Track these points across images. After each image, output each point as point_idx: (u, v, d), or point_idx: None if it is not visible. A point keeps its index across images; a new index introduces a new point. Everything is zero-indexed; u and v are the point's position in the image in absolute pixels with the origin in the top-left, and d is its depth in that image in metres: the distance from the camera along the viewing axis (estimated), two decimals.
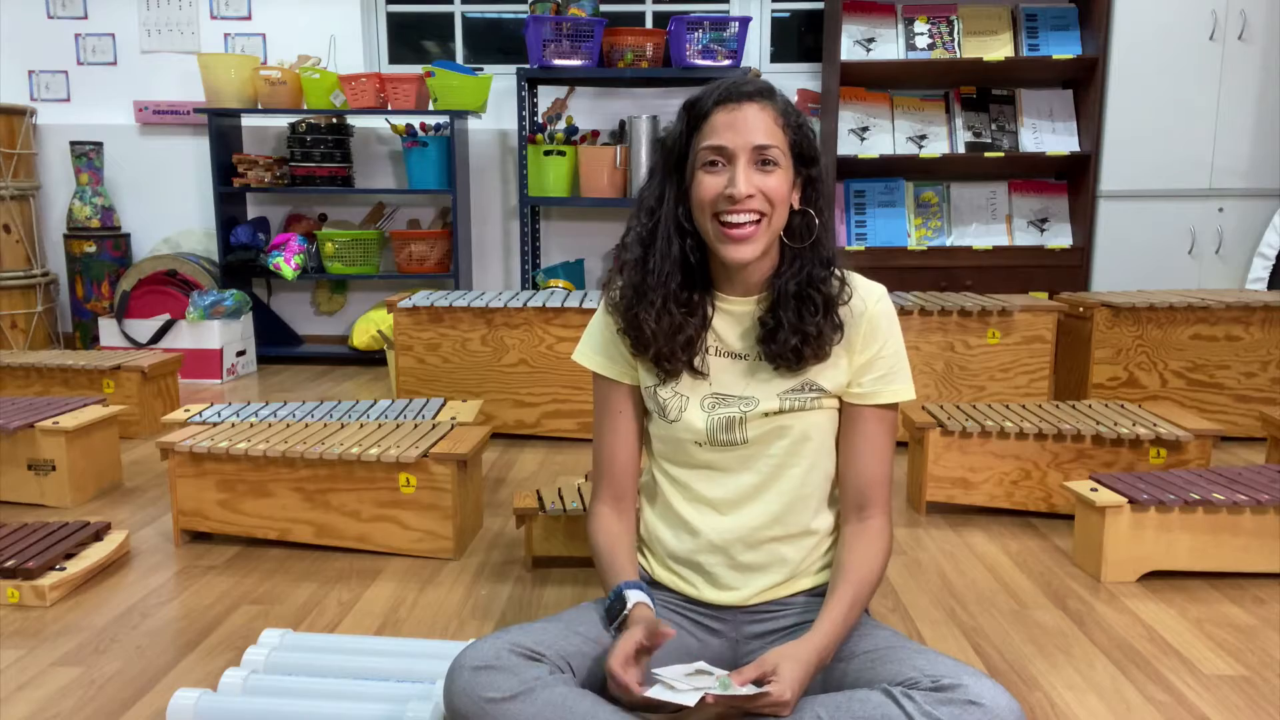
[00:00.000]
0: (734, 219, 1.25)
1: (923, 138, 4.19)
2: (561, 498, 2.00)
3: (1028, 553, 2.11)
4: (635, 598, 1.27)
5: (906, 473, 2.48)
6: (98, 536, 2.04)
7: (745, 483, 1.34)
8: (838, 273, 1.32)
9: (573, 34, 3.95)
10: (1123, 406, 2.46)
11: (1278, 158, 3.90)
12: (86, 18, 4.45)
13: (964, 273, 4.09)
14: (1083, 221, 4.05)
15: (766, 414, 1.31)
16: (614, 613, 1.28)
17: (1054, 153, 4.04)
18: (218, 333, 3.94)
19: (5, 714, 1.44)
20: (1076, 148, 4.09)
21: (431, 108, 4.17)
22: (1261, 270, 3.90)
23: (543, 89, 4.40)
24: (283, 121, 4.44)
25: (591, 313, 1.75)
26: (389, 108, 4.23)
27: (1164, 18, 3.83)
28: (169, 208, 4.57)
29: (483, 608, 1.82)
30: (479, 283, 4.60)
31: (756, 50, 4.47)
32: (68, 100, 4.52)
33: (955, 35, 4.11)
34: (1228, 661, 1.61)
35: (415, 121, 4.27)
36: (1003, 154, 4.07)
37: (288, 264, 4.22)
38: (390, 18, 4.58)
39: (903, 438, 2.43)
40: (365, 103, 4.19)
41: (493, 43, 4.62)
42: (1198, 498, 1.89)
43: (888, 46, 4.13)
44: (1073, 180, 4.17)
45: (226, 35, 4.47)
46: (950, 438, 2.30)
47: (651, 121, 3.98)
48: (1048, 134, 4.15)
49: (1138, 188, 3.95)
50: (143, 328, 3.99)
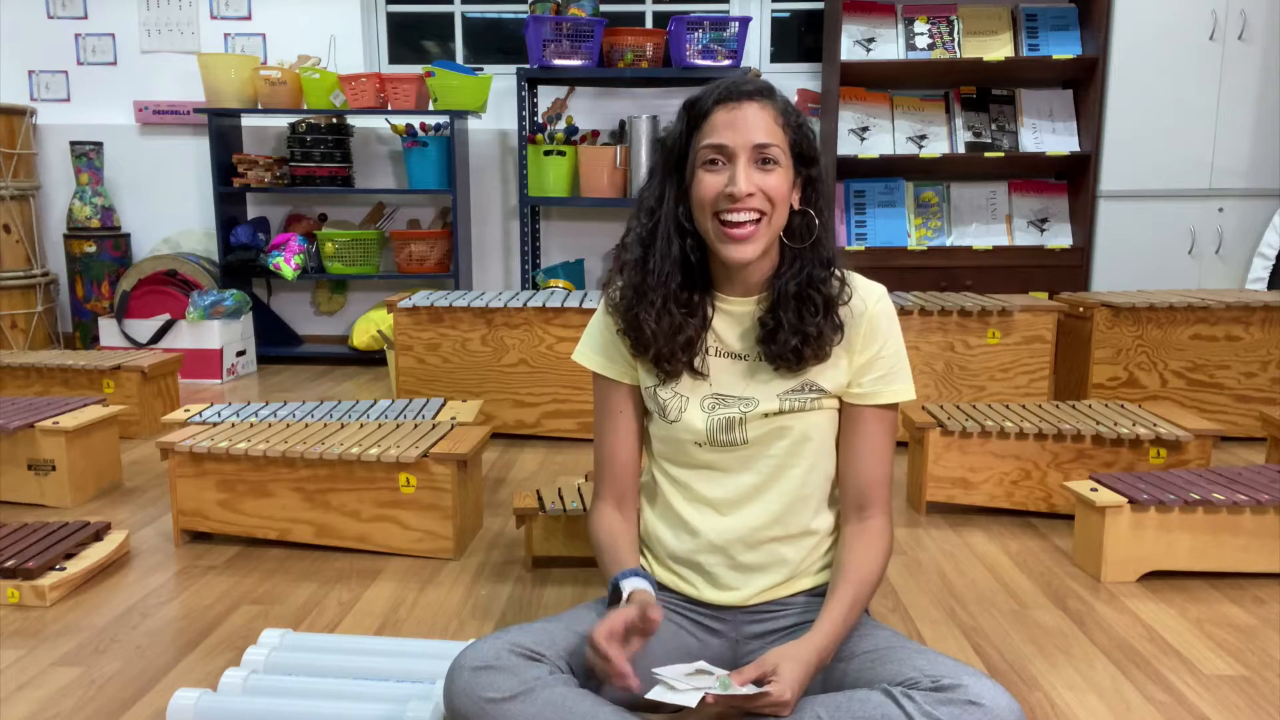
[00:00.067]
0: (734, 218, 1.25)
1: (923, 138, 4.19)
2: (561, 498, 2.00)
3: (1028, 553, 2.11)
4: (633, 584, 1.26)
5: (906, 473, 2.49)
6: (98, 536, 2.04)
7: (745, 483, 1.34)
8: (838, 273, 1.32)
9: (573, 34, 3.95)
10: (1123, 406, 2.46)
11: (1278, 158, 3.90)
12: (86, 18, 4.45)
13: (964, 273, 4.09)
14: (1083, 221, 4.05)
15: (766, 414, 1.31)
16: (613, 601, 1.27)
17: (1054, 153, 4.05)
18: (218, 333, 3.94)
19: (5, 714, 1.44)
20: (1076, 148, 4.09)
21: (431, 108, 4.17)
22: (1261, 270, 3.90)
23: (543, 89, 4.40)
24: (283, 121, 4.44)
25: (591, 313, 1.75)
26: (389, 108, 4.23)
27: (1164, 18, 3.83)
28: (169, 208, 4.57)
29: (483, 608, 1.82)
30: (479, 283, 4.60)
31: (756, 50, 4.47)
32: (68, 100, 4.52)
33: (955, 35, 4.11)
34: (1228, 661, 1.61)
35: (415, 121, 4.27)
36: (1003, 154, 4.07)
37: (288, 264, 4.22)
38: (390, 18, 4.58)
39: (903, 438, 2.43)
40: (365, 103, 4.19)
41: (493, 43, 4.62)
42: (1198, 498, 1.89)
43: (888, 46, 4.13)
44: (1073, 180, 4.17)
45: (226, 35, 4.47)
46: (950, 438, 2.30)
47: (651, 121, 3.97)
48: (1048, 134, 4.15)
49: (1138, 188, 3.95)
50: (143, 328, 3.99)
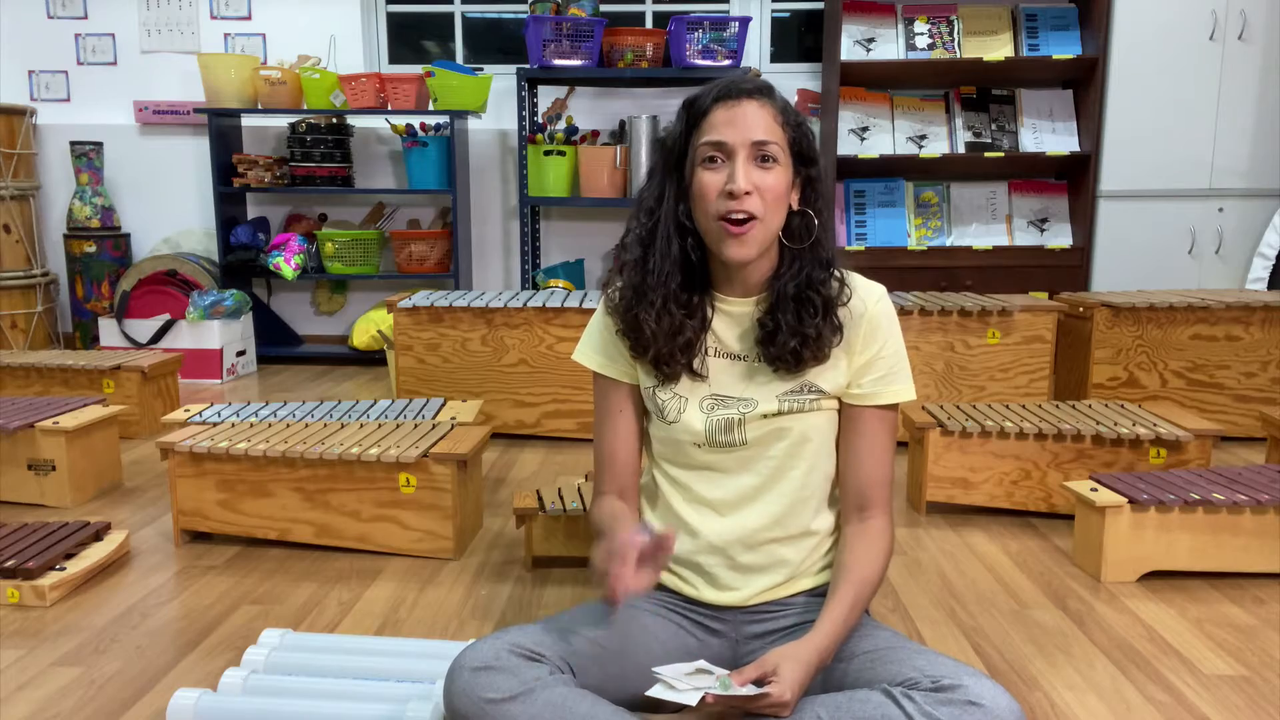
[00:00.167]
0: (735, 215, 1.24)
1: (923, 138, 4.19)
2: (561, 498, 2.00)
3: (1028, 553, 2.11)
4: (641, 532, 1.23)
5: (906, 473, 2.48)
6: (98, 536, 2.04)
7: (745, 484, 1.33)
8: (837, 274, 1.32)
9: (573, 34, 3.95)
10: (1123, 406, 2.46)
11: (1278, 158, 3.90)
12: (86, 18, 4.45)
13: (964, 273, 4.09)
14: (1083, 221, 4.04)
15: (765, 415, 1.31)
16: None
17: (1054, 153, 4.04)
18: (218, 333, 3.94)
19: (5, 714, 1.44)
20: (1076, 148, 4.09)
21: (431, 108, 4.17)
22: (1261, 270, 3.90)
23: (543, 89, 4.40)
24: (283, 121, 4.44)
25: (591, 313, 1.75)
26: (389, 108, 4.23)
27: (1164, 18, 3.83)
28: (169, 208, 4.57)
29: (483, 608, 1.82)
30: (479, 283, 4.60)
31: (756, 50, 4.47)
32: (68, 100, 4.52)
33: (955, 35, 4.11)
34: (1228, 661, 1.61)
35: (415, 121, 4.27)
36: (1003, 154, 4.07)
37: (288, 264, 4.22)
38: (390, 18, 4.58)
39: (903, 438, 2.43)
40: (365, 103, 4.19)
41: (493, 43, 4.62)
42: (1198, 498, 1.89)
43: (888, 46, 4.13)
44: (1073, 180, 4.17)
45: (226, 35, 4.47)
46: (950, 438, 2.30)
47: (651, 121, 3.97)
48: (1048, 134, 4.15)
49: (1138, 188, 3.95)
50: (143, 328, 3.99)
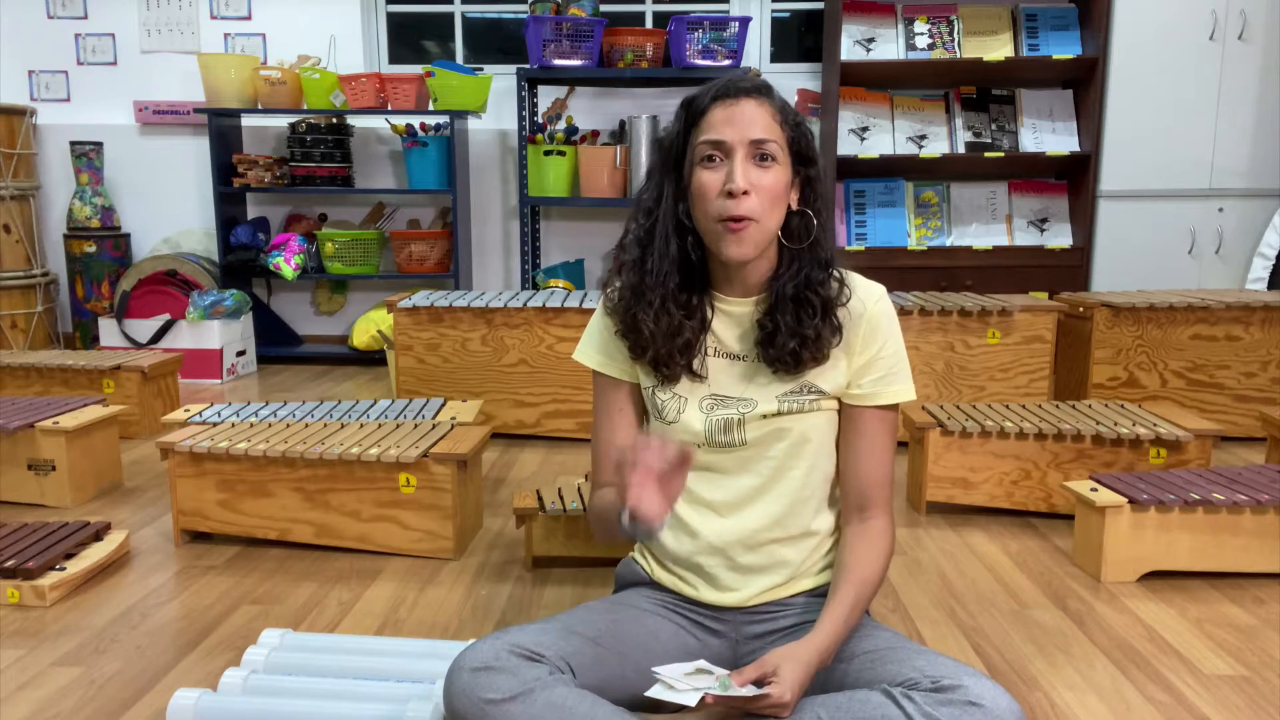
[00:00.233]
0: (733, 214, 1.24)
1: (923, 138, 4.19)
2: (561, 498, 2.00)
3: (1028, 553, 2.11)
4: None
5: (906, 473, 2.48)
6: (98, 536, 2.04)
7: (745, 485, 1.33)
8: (836, 274, 1.32)
9: (573, 34, 3.95)
10: (1123, 406, 2.46)
11: (1278, 158, 3.90)
12: (86, 18, 4.45)
13: (964, 273, 4.08)
14: (1083, 221, 4.04)
15: (765, 416, 1.31)
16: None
17: (1054, 153, 4.04)
18: (218, 333, 3.94)
19: (5, 714, 1.44)
20: (1076, 148, 4.08)
21: (431, 108, 4.17)
22: (1261, 270, 3.90)
23: (543, 89, 4.40)
24: (283, 121, 4.44)
25: (591, 313, 1.75)
26: (389, 108, 4.23)
27: (1164, 18, 3.83)
28: (169, 208, 4.57)
29: (483, 608, 1.81)
30: (479, 283, 4.60)
31: (756, 50, 4.47)
32: (68, 100, 4.52)
33: (955, 35, 4.11)
34: (1228, 661, 1.61)
35: (415, 121, 4.27)
36: (1003, 154, 4.07)
37: (288, 264, 4.22)
38: (390, 18, 4.58)
39: (903, 438, 2.43)
40: (365, 103, 4.19)
41: (493, 43, 4.62)
42: (1198, 498, 1.89)
43: (888, 46, 4.13)
44: (1073, 180, 4.17)
45: (226, 35, 4.47)
46: (950, 438, 2.30)
47: (651, 121, 3.97)
48: (1048, 134, 4.14)
49: (1138, 188, 3.95)
50: (143, 328, 3.99)
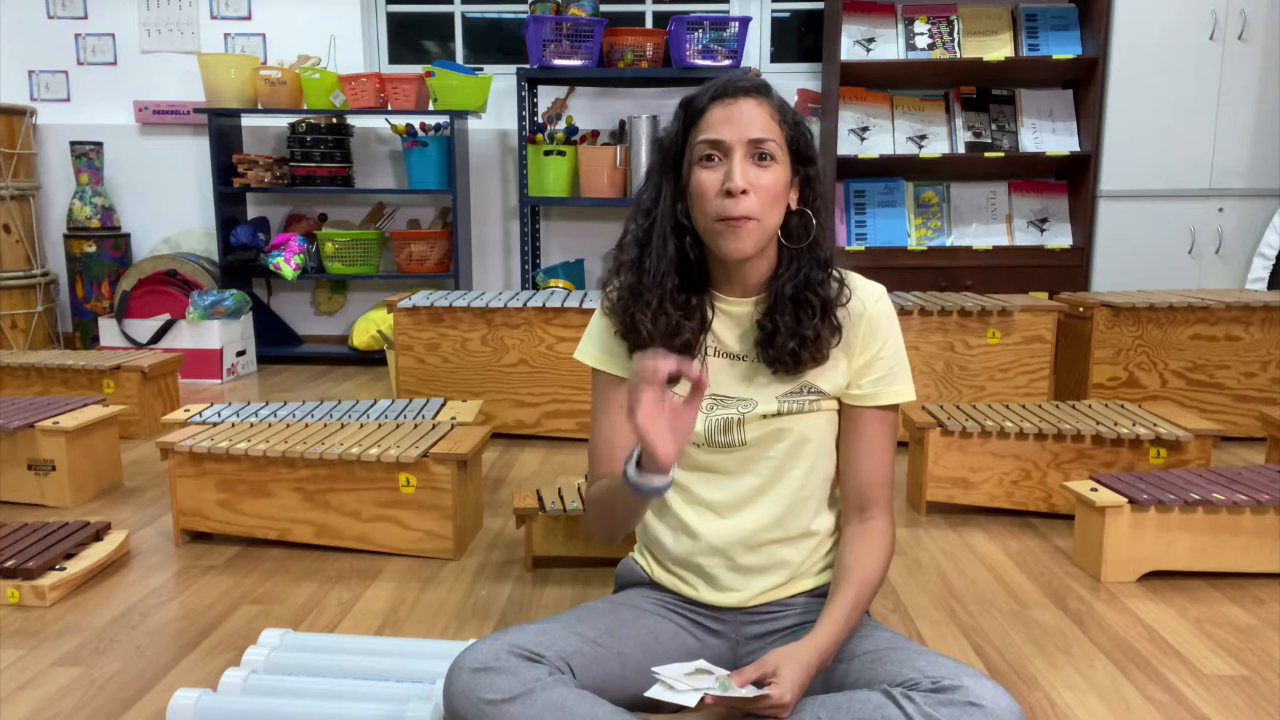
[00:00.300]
0: (733, 213, 1.24)
1: (923, 138, 4.19)
2: (561, 498, 2.00)
3: (1028, 553, 2.11)
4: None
5: (906, 473, 2.48)
6: (98, 536, 2.04)
7: (745, 485, 1.33)
8: (836, 274, 1.32)
9: (573, 34, 3.95)
10: (1123, 406, 2.46)
11: (1278, 158, 3.90)
12: (86, 18, 4.45)
13: (964, 273, 4.08)
14: (1083, 221, 4.04)
15: (765, 416, 1.31)
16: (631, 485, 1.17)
17: (1054, 153, 4.04)
18: (218, 333, 3.94)
19: (5, 714, 1.44)
20: (1076, 148, 4.08)
21: (431, 108, 4.17)
22: (1261, 270, 3.90)
23: (543, 89, 4.40)
24: (283, 121, 4.44)
25: (591, 313, 1.75)
26: (389, 108, 4.23)
27: (1164, 18, 3.83)
28: (169, 208, 4.57)
29: (483, 608, 1.81)
30: (479, 283, 4.60)
31: (756, 50, 4.47)
32: (68, 100, 4.52)
33: (955, 35, 4.11)
34: (1228, 661, 1.61)
35: (415, 121, 4.27)
36: (1003, 154, 4.07)
37: (288, 264, 4.22)
38: (390, 18, 4.58)
39: (903, 438, 2.43)
40: (365, 103, 4.19)
41: (493, 43, 4.62)
42: (1198, 498, 1.89)
43: (888, 46, 4.13)
44: (1073, 180, 4.17)
45: (226, 35, 4.47)
46: (950, 438, 2.30)
47: (651, 121, 3.97)
48: (1048, 134, 4.14)
49: (1138, 188, 3.95)
50: (143, 328, 3.99)
